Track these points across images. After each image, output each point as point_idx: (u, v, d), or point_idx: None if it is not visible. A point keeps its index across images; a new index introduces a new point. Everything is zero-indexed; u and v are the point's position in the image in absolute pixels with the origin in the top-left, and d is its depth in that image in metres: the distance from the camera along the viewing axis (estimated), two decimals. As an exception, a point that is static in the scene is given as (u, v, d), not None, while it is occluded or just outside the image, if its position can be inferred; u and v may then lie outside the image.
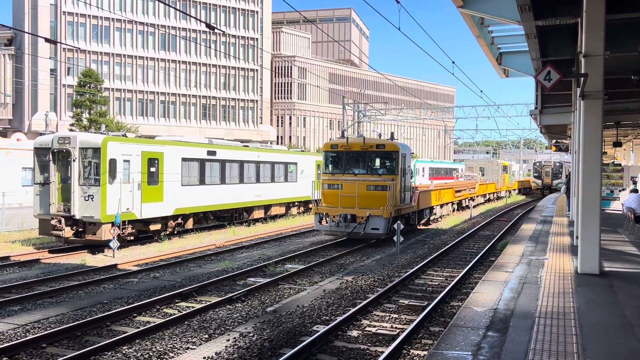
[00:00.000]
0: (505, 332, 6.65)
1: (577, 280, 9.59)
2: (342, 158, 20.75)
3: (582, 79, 9.72)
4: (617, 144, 26.75)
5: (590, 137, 9.91)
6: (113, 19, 69.63)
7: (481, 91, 39.90)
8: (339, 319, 9.79)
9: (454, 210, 33.65)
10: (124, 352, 8.60)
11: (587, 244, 9.97)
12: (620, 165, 29.01)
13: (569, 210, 22.61)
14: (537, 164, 59.20)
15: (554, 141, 36.21)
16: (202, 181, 22.97)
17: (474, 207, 34.58)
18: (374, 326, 9.83)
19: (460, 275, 13.91)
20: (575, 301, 8.15)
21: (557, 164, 57.73)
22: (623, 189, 25.17)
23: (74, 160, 18.12)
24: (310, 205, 30.12)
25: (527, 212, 34.45)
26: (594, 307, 7.85)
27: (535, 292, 8.74)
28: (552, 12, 12.36)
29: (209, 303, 11.32)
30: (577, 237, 11.22)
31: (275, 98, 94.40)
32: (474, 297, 8.53)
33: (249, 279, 14.27)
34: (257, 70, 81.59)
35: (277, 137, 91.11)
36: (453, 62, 23.35)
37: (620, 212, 23.22)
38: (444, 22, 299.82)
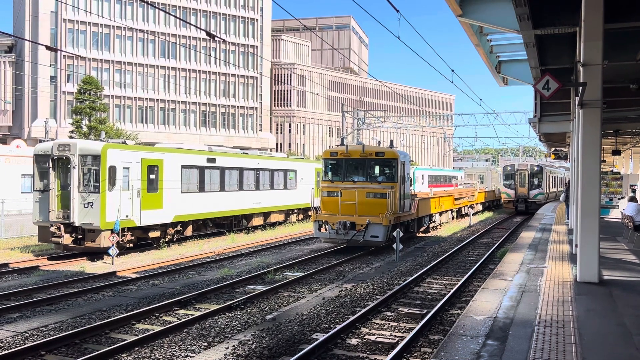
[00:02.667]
0: (504, 341, 6.65)
1: (577, 289, 9.59)
2: (341, 165, 20.78)
3: (581, 87, 9.76)
4: (616, 152, 26.82)
5: (589, 146, 9.93)
6: (113, 26, 69.85)
7: (480, 99, 40.12)
8: (338, 327, 9.78)
9: (453, 218, 33.65)
10: (122, 359, 8.58)
11: (587, 252, 9.97)
12: (619, 173, 29.05)
13: (568, 219, 22.62)
14: (509, 167, 42.58)
15: (553, 149, 36.30)
16: (201, 188, 22.98)
17: (473, 214, 34.57)
18: (374, 334, 9.81)
19: (459, 283, 13.90)
20: (574, 310, 8.14)
21: (536, 168, 41.66)
22: (622, 197, 25.19)
23: (73, 167, 18.13)
24: (310, 213, 30.14)
25: (526, 220, 34.44)
26: (593, 316, 7.84)
27: (534, 301, 8.74)
28: (550, 21, 12.44)
29: (208, 311, 11.31)
30: (576, 246, 11.23)
31: (274, 105, 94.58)
32: (474, 305, 8.52)
33: (248, 286, 14.26)
34: (256, 77, 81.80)
35: (277, 144, 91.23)
36: (452, 70, 23.44)
37: (620, 220, 23.23)
38: (443, 30, 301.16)
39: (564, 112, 20.60)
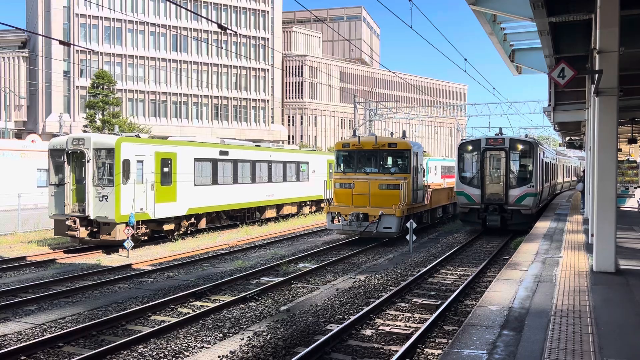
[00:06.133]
0: (520, 331, 6.61)
1: (593, 279, 9.51)
2: (354, 157, 20.74)
3: (597, 75, 9.63)
4: (632, 141, 26.49)
5: (605, 134, 9.82)
6: (125, 20, 70.13)
7: (494, 88, 39.77)
8: (353, 318, 9.80)
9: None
10: (139, 351, 8.67)
11: (603, 242, 9.88)
12: (635, 162, 28.72)
13: (583, 208, 22.41)
14: (470, 145, 23.18)
15: (567, 138, 35.95)
16: (214, 181, 23.06)
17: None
18: (388, 325, 9.82)
19: (474, 273, 13.84)
20: (591, 299, 8.08)
21: (521, 147, 22.21)
22: (638, 186, 24.93)
23: (88, 161, 18.28)
24: (322, 205, 30.15)
25: (539, 210, 34.14)
26: (610, 306, 7.77)
27: (550, 291, 8.68)
28: (565, 9, 12.28)
29: (223, 302, 11.38)
30: (592, 235, 11.13)
31: (286, 97, 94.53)
32: (489, 295, 8.49)
33: (262, 278, 14.32)
34: (268, 70, 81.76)
35: (289, 136, 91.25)
36: (465, 59, 23.23)
37: (636, 210, 22.97)
38: (455, 19, 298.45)
39: (579, 100, 20.36)
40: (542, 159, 23.31)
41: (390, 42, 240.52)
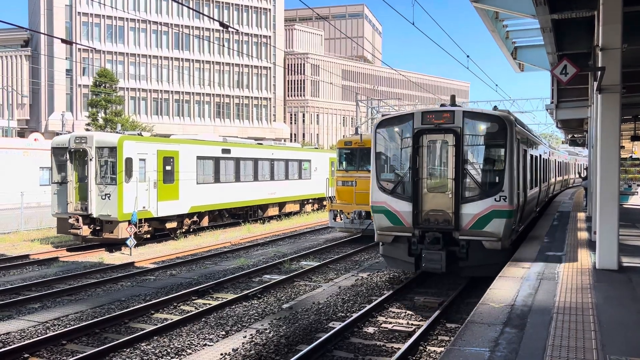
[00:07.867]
0: (523, 328, 6.61)
1: (596, 276, 9.49)
2: (356, 155, 20.72)
3: (599, 72, 9.60)
4: (635, 138, 26.36)
5: (607, 131, 9.78)
6: (127, 18, 70.13)
7: (496, 85, 39.67)
8: (355, 315, 9.81)
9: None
10: (142, 348, 8.69)
11: (606, 239, 9.85)
12: (638, 159, 28.65)
13: (586, 205, 22.37)
14: (397, 126, 12.29)
15: (570, 136, 35.85)
16: (217, 179, 23.08)
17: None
18: (390, 323, 9.83)
19: (476, 271, 13.80)
20: (593, 297, 8.07)
21: (483, 127, 11.69)
22: (641, 184, 24.85)
23: (90, 160, 18.31)
24: (325, 202, 30.15)
25: (542, 208, 34.03)
26: (613, 303, 7.76)
27: (552, 288, 8.67)
28: (567, 5, 12.22)
29: (225, 300, 11.40)
30: (594, 233, 11.10)
31: (288, 95, 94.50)
32: (491, 293, 8.48)
33: (265, 276, 14.34)
34: (270, 68, 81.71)
35: (291, 134, 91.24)
36: (467, 56, 23.14)
37: (639, 207, 22.94)
38: (457, 16, 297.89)
39: (582, 97, 20.30)
40: (525, 150, 14.03)
41: (392, 39, 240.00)
